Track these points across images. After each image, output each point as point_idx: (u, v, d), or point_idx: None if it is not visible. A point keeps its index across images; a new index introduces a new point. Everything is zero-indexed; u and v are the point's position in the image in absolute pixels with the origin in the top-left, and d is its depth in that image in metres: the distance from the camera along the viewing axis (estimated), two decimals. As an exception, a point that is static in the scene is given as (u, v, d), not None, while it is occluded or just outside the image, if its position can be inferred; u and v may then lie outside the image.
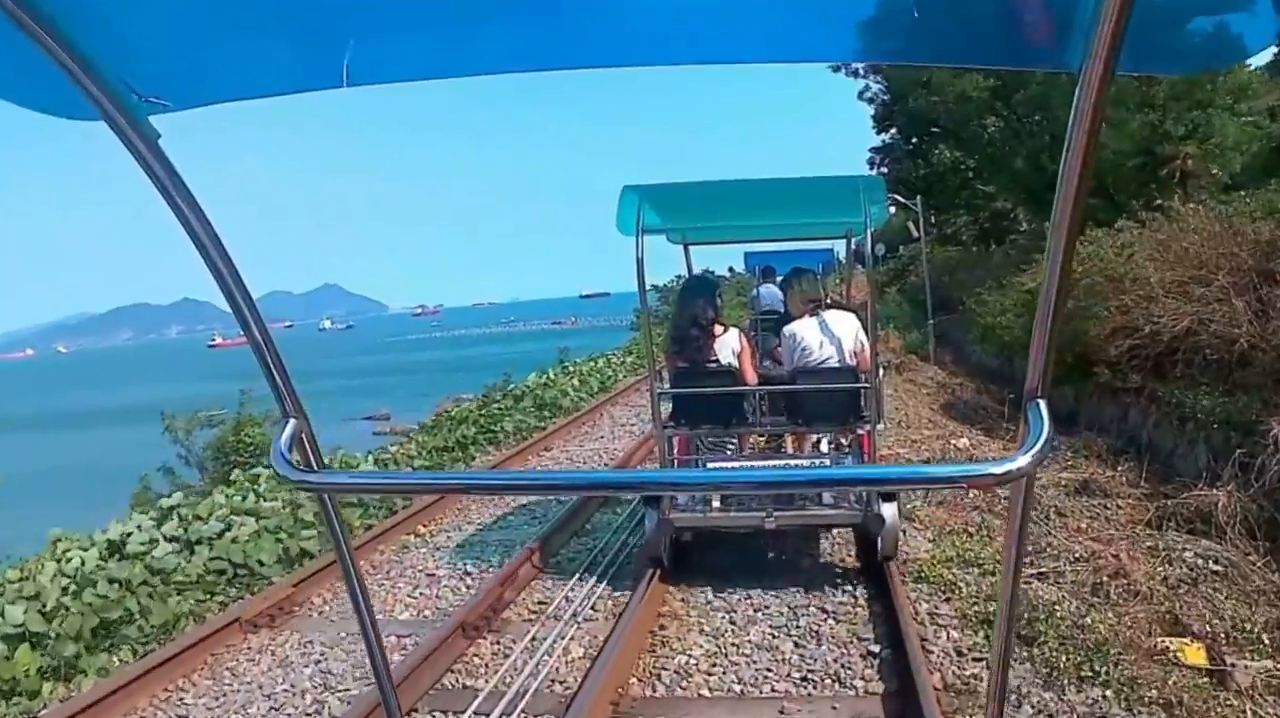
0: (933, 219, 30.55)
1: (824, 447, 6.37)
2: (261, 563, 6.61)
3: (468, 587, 5.99)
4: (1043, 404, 0.87)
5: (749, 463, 6.08)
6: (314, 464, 1.06)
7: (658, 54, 0.97)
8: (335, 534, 1.11)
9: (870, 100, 30.47)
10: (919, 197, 23.26)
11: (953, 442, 10.92)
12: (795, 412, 5.64)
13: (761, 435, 7.18)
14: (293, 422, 1.02)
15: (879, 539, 5.42)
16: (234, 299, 0.99)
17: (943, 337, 21.28)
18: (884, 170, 31.98)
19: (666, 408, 5.71)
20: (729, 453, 6.01)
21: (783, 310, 8.21)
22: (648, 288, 5.44)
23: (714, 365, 5.59)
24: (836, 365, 5.57)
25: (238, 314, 1.01)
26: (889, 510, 5.33)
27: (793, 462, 6.13)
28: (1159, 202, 15.40)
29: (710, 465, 5.76)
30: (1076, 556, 6.20)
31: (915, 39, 0.96)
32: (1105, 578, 6.04)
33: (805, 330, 5.72)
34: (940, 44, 1.00)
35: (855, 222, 5.57)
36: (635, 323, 37.57)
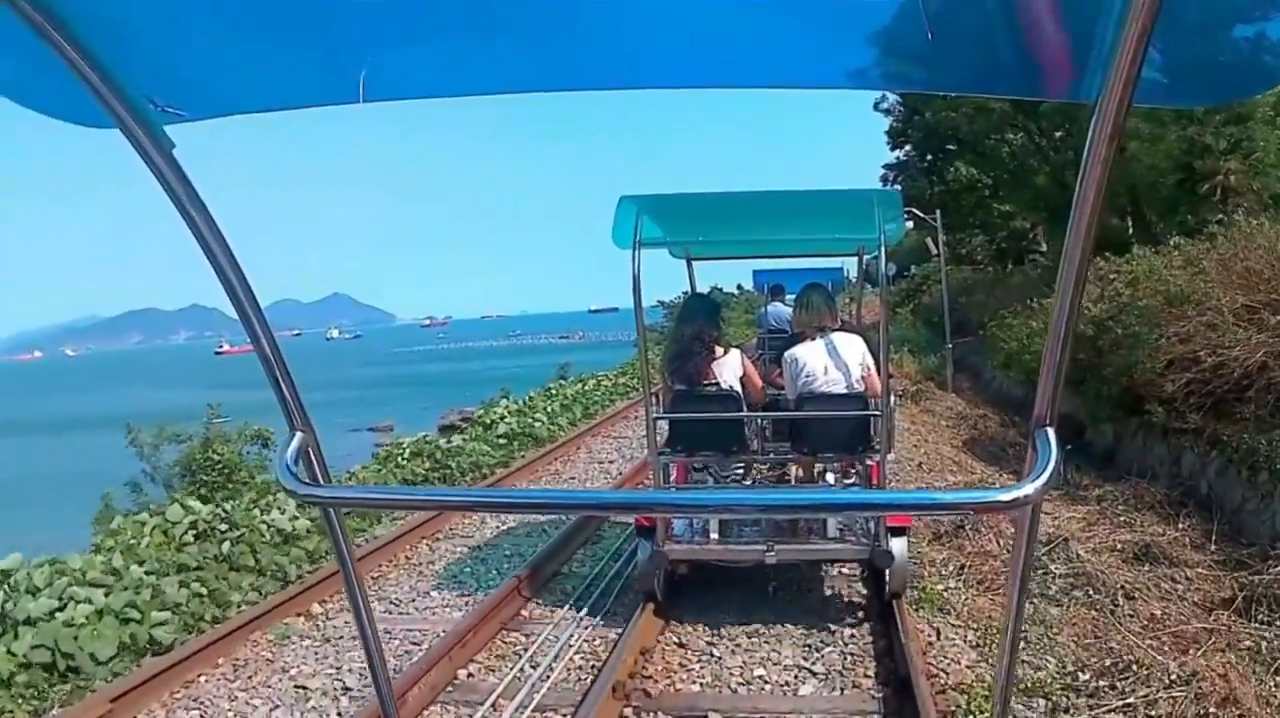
0: (945, 238, 29.41)
1: (830, 478, 6.05)
2: (95, 658, 5.05)
3: (341, 712, 4.38)
4: (1050, 432, 0.87)
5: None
6: (319, 478, 1.06)
7: (673, 77, 0.96)
8: (339, 548, 1.11)
9: (887, 112, 29.47)
10: (938, 212, 22.05)
11: (983, 490, 9.43)
12: (800, 439, 5.33)
13: (764, 464, 6.87)
14: (299, 435, 1.02)
15: (887, 577, 5.11)
16: (244, 310, 0.98)
17: (959, 361, 19.81)
18: (898, 188, 30.83)
19: (663, 434, 5.38)
20: (731, 484, 5.64)
21: (790, 331, 7.61)
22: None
23: (714, 389, 5.28)
24: (844, 392, 5.21)
25: (247, 326, 0.99)
26: (898, 546, 5.03)
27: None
28: (1219, 217, 14.09)
29: None
30: (1173, 677, 4.63)
31: (930, 67, 0.94)
32: (1211, 709, 4.52)
33: (809, 354, 5.32)
34: (956, 73, 0.98)
35: (869, 238, 5.30)
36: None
